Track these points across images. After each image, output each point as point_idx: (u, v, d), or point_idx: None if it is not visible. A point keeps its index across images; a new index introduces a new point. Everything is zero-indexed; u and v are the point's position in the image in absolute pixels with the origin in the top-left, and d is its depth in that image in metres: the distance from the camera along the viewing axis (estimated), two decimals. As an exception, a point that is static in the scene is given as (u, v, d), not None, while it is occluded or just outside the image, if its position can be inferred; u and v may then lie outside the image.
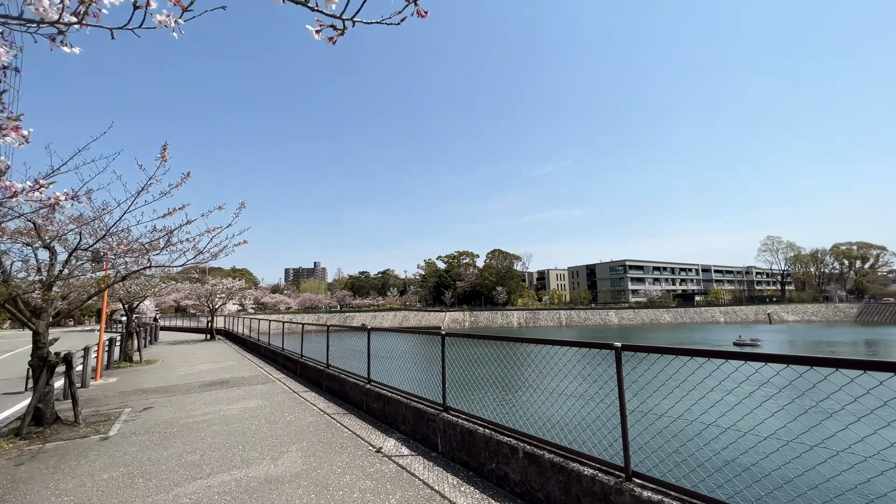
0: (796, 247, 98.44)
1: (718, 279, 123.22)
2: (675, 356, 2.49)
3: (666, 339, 44.70)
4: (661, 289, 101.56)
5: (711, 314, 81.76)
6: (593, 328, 68.53)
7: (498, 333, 44.64)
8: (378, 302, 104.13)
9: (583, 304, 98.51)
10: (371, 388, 6.31)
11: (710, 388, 2.74)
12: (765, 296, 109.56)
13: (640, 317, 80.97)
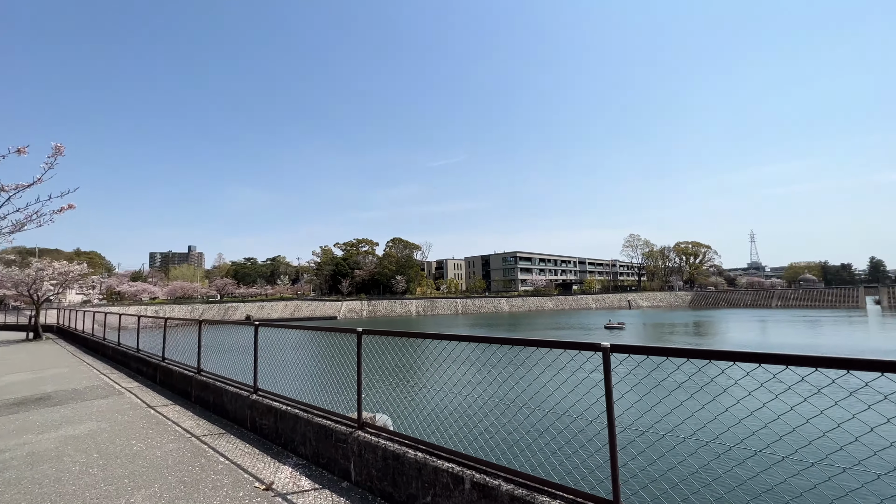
0: (650, 244, 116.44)
1: (591, 270, 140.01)
2: (667, 357, 1.97)
3: (549, 324, 48.98)
4: (545, 279, 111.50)
5: (585, 301, 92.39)
6: (487, 315, 72.21)
7: (399, 322, 44.22)
8: (266, 291, 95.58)
9: (478, 292, 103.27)
10: (259, 400, 5.01)
11: (711, 396, 2.30)
12: (626, 285, 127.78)
13: (528, 304, 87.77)
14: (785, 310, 66.20)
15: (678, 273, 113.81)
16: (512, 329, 44.83)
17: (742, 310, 70.52)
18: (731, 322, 46.32)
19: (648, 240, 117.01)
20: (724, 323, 45.83)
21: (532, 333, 38.82)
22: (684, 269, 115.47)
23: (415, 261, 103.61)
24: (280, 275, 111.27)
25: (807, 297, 74.37)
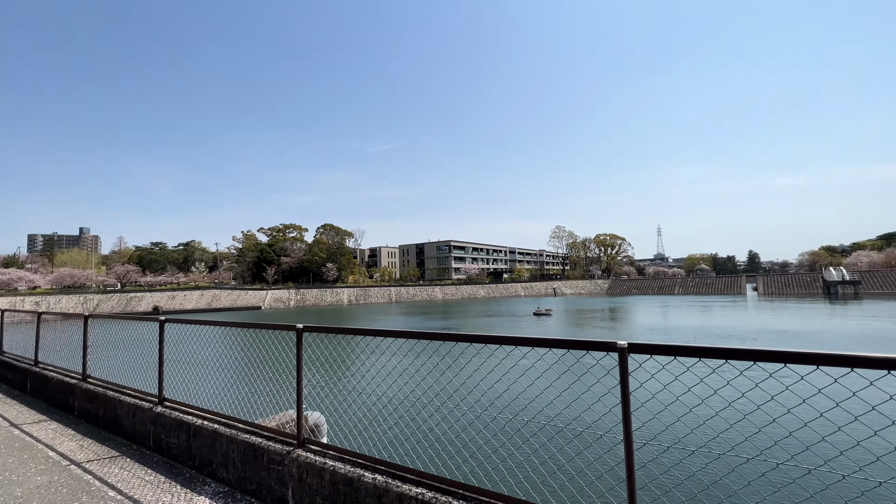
0: (574, 235, 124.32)
1: (521, 260, 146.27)
2: (700, 359, 1.66)
3: (481, 311, 50.25)
4: (478, 267, 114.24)
5: (515, 289, 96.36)
6: (421, 304, 72.24)
7: (329, 311, 42.04)
8: (178, 279, 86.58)
9: (412, 280, 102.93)
10: (165, 412, 4.08)
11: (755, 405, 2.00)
12: (552, 274, 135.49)
13: (461, 292, 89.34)
14: (685, 296, 74.55)
15: (597, 263, 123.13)
16: (446, 317, 45.21)
17: (650, 296, 78.14)
18: (641, 307, 50.99)
19: (573, 231, 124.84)
20: (636, 307, 50.37)
21: (466, 321, 39.41)
22: (603, 259, 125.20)
23: (347, 248, 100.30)
24: (195, 262, 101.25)
25: (702, 284, 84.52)
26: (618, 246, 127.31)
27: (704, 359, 1.64)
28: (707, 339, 22.63)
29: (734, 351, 1.61)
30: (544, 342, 2.07)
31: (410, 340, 2.76)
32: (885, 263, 77.90)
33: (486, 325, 34.85)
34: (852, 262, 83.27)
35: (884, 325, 27.07)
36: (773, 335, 23.27)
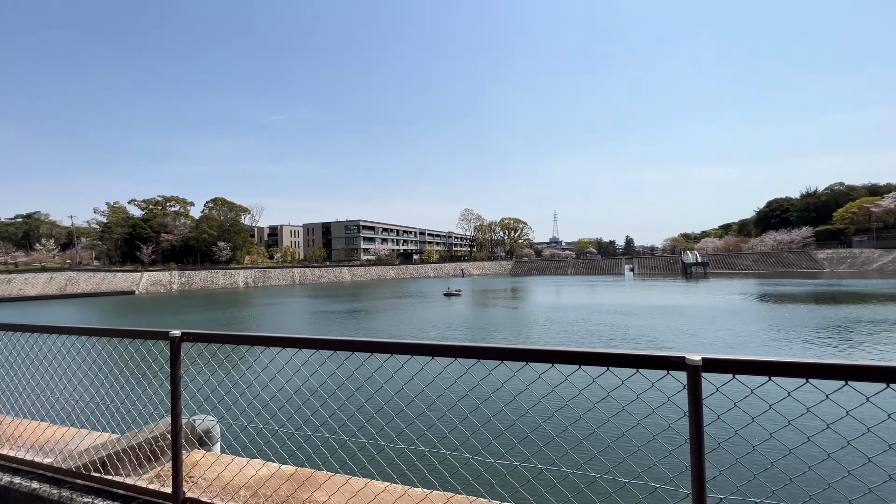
0: (482, 218, 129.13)
1: (430, 241, 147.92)
2: (807, 380, 1.21)
3: (391, 292, 49.60)
4: (388, 248, 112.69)
5: (425, 270, 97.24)
6: (328, 286, 68.94)
7: (222, 295, 37.41)
8: (17, 259, 70.46)
9: (318, 261, 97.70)
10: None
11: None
12: (460, 255, 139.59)
13: (370, 273, 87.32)
14: (576, 276, 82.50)
15: (502, 245, 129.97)
16: (355, 299, 43.62)
17: (547, 276, 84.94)
18: (539, 286, 55.04)
19: (480, 214, 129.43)
20: (535, 287, 54.23)
21: (374, 302, 38.41)
22: (506, 242, 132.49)
23: (242, 225, 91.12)
24: (41, 238, 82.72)
25: (590, 265, 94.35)
26: (520, 230, 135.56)
27: (812, 379, 1.19)
28: (597, 314, 24.96)
29: (851, 368, 1.17)
30: (583, 357, 1.48)
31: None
32: (724, 248, 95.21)
33: (396, 306, 34.30)
34: (702, 246, 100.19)
35: (733, 299, 32.74)
36: (654, 310, 26.58)
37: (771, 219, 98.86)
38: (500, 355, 1.83)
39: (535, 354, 1.73)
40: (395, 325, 23.53)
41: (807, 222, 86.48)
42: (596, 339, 17.20)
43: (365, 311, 31.85)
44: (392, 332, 21.09)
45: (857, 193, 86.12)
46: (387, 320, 25.85)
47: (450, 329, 21.25)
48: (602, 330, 19.41)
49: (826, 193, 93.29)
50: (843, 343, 15.60)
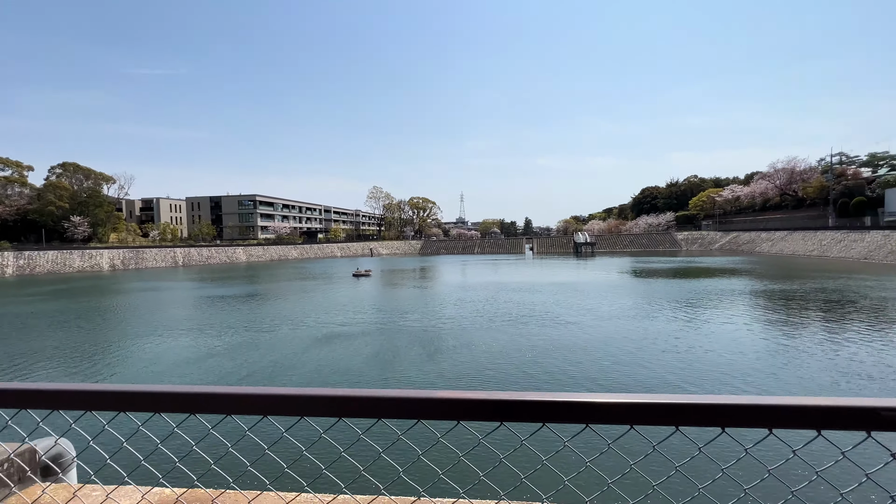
0: (391, 196, 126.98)
1: (336, 219, 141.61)
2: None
3: (294, 274, 46.43)
4: (289, 226, 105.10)
5: (331, 250, 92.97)
6: (219, 267, 62.02)
7: (80, 281, 31.62)
8: None
9: (206, 240, 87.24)
10: None
11: None
12: (368, 234, 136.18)
13: (269, 253, 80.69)
14: (482, 255, 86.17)
15: (411, 224, 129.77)
16: (252, 281, 39.81)
17: (455, 255, 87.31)
18: (448, 266, 56.29)
19: (389, 193, 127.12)
20: (444, 266, 55.35)
21: (275, 285, 35.49)
22: (415, 221, 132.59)
23: (105, 197, 77.14)
24: None
25: (495, 245, 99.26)
26: (429, 209, 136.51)
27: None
28: (504, 292, 26.21)
29: None
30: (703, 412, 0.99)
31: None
32: (607, 230, 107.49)
33: (300, 288, 32.07)
34: (589, 228, 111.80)
35: (616, 276, 36.88)
36: (554, 286, 28.71)
37: (644, 204, 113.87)
38: (543, 412, 1.02)
39: (614, 412, 0.99)
40: (300, 309, 21.87)
41: (670, 208, 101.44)
42: (508, 318, 17.91)
43: (264, 295, 29.16)
44: (296, 317, 19.53)
45: (706, 185, 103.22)
46: (290, 305, 23.94)
47: (359, 312, 20.41)
48: (511, 308, 20.32)
49: (685, 184, 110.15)
50: (696, 309, 18.52)
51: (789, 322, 16.29)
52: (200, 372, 11.63)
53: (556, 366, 11.32)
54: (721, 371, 10.60)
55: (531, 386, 9.89)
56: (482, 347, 13.29)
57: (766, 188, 76.12)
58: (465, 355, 12.54)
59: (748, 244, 66.57)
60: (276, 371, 11.46)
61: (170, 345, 14.70)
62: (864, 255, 42.84)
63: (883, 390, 9.21)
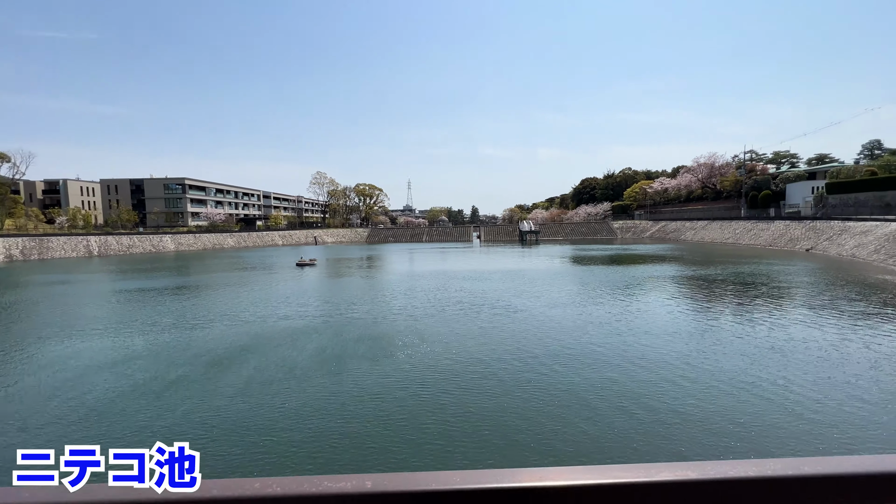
0: (336, 183, 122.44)
1: (277, 205, 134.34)
2: None
3: (231, 264, 43.45)
4: (224, 212, 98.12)
5: (272, 238, 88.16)
6: (142, 257, 56.46)
7: (-36, 279, 26.57)
8: None
9: (126, 228, 79.05)
10: None
11: None
12: (312, 222, 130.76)
13: (201, 242, 74.80)
14: (430, 243, 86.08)
15: (357, 212, 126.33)
16: (181, 273, 36.64)
17: (403, 243, 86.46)
18: (396, 254, 55.60)
19: (334, 178, 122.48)
20: (392, 254, 54.58)
21: (209, 276, 32.92)
22: (362, 208, 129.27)
23: (-3, 177, 67.02)
24: None
25: (443, 233, 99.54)
26: (376, 196, 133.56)
27: None
28: (455, 280, 26.28)
29: None
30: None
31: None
32: (550, 218, 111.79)
33: (238, 279, 29.97)
34: (533, 216, 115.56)
35: (559, 263, 38.35)
36: (503, 274, 29.22)
37: (583, 194, 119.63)
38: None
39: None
40: (237, 302, 20.37)
41: (607, 198, 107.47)
42: (460, 307, 17.88)
43: (196, 287, 26.87)
44: (233, 311, 18.15)
45: (639, 177, 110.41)
46: (225, 298, 22.22)
47: (304, 305, 19.41)
48: (464, 297, 20.33)
49: (620, 176, 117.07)
50: (633, 294, 19.73)
51: (713, 302, 17.84)
52: (116, 378, 10.35)
53: (510, 354, 11.44)
54: (658, 351, 11.28)
55: (486, 378, 9.87)
56: (436, 338, 13.13)
57: (690, 181, 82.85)
58: (419, 348, 12.31)
59: (675, 233, 72.36)
60: (208, 375, 10.47)
61: (79, 347, 12.99)
62: (769, 242, 48.17)
63: (787, 360, 10.27)
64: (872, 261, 29.86)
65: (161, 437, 6.89)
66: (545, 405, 8.29)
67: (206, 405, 8.63)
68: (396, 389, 9.26)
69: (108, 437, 7.36)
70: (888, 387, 8.85)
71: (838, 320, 14.22)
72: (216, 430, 7.56)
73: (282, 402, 8.69)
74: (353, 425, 7.68)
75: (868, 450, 6.54)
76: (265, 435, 7.36)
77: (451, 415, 8.00)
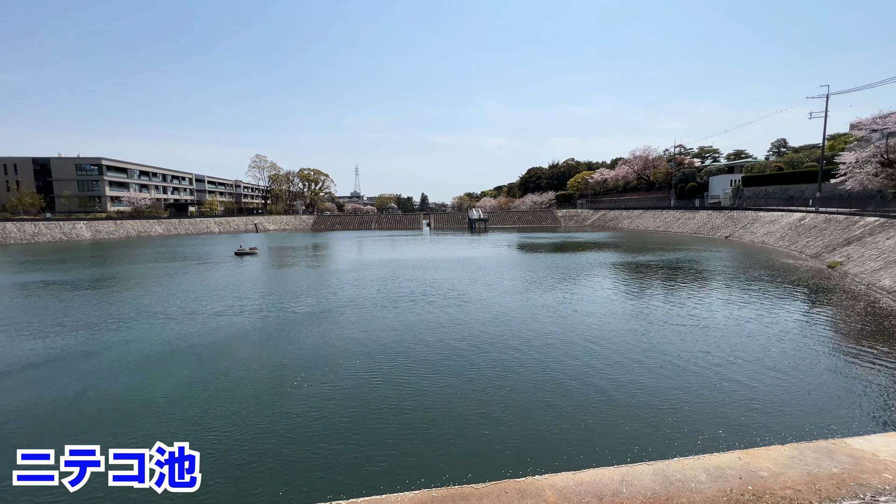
0: (277, 166, 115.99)
1: (212, 190, 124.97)
2: None
3: (159, 254, 39.85)
4: (151, 197, 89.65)
5: (206, 225, 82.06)
6: (51, 247, 50.15)
7: None
8: None
9: (30, 213, 69.82)
10: None
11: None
12: (252, 208, 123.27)
13: (124, 229, 67.93)
14: (379, 230, 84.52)
15: (302, 198, 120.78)
16: (99, 263, 32.93)
17: (351, 231, 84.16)
18: (343, 242, 53.99)
19: (276, 162, 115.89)
20: (339, 243, 52.93)
21: (132, 267, 29.87)
22: (307, 194, 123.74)
23: None
24: None
25: (393, 220, 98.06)
26: (322, 182, 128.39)
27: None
28: (405, 269, 25.93)
29: None
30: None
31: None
32: (498, 206, 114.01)
33: (167, 271, 27.44)
34: (482, 204, 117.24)
35: (508, 251, 39.15)
36: (454, 262, 29.26)
37: (529, 183, 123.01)
38: None
39: None
40: (166, 298, 18.60)
41: (552, 188, 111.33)
42: (411, 297, 17.59)
43: (115, 280, 24.22)
44: (161, 307, 16.56)
45: (582, 168, 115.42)
46: (151, 291, 20.22)
47: (241, 298, 18.16)
48: (414, 286, 20.05)
49: (564, 166, 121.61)
50: (578, 280, 20.60)
51: (648, 285, 19.08)
52: (3, 391, 9.01)
53: (465, 346, 11.41)
54: (604, 330, 11.82)
55: (446, 373, 9.75)
56: (389, 333, 12.80)
57: (626, 172, 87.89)
58: (370, 344, 11.94)
59: (613, 221, 76.71)
60: (125, 386, 9.32)
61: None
62: (695, 230, 52.51)
63: (708, 335, 11.20)
64: (779, 247, 33.52)
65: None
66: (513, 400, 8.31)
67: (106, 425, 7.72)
68: (349, 397, 8.86)
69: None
70: (781, 348, 9.93)
71: (751, 300, 15.77)
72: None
73: (202, 421, 7.52)
74: (295, 446, 6.88)
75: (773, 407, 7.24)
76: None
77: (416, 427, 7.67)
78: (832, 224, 30.05)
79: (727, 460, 3.62)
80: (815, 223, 32.57)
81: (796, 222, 35.30)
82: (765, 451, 3.80)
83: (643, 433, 6.80)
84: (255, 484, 5.72)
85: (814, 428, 6.81)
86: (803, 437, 6.35)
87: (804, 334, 11.80)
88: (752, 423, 7.05)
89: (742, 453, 3.76)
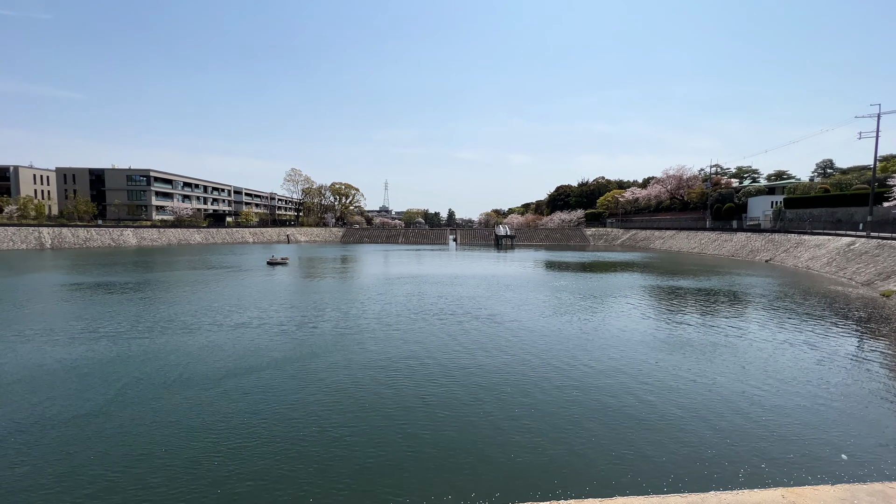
0: (311, 180, 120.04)
1: (248, 202, 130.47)
2: None
3: (197, 261, 41.68)
4: (192, 207, 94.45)
5: (242, 235, 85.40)
6: (100, 252, 53.43)
7: None
8: None
9: (84, 219, 74.84)
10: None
11: None
12: (285, 219, 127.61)
13: (167, 237, 71.66)
14: (406, 245, 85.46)
15: (332, 211, 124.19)
16: (142, 269, 34.77)
17: (379, 244, 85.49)
18: (371, 255, 54.83)
19: (309, 176, 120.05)
20: (367, 255, 53.78)
21: (172, 273, 31.36)
22: (337, 207, 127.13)
23: (-62, 161, 62.20)
24: None
25: (419, 235, 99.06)
26: (352, 196, 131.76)
27: None
28: (431, 285, 26.02)
29: None
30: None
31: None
32: (525, 223, 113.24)
33: (203, 277, 28.70)
34: (509, 221, 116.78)
35: (537, 269, 38.71)
36: (481, 279, 29.17)
37: (558, 201, 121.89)
38: None
39: None
40: (200, 302, 19.42)
41: (581, 206, 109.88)
42: (438, 314, 17.63)
43: (155, 284, 25.52)
44: (194, 311, 17.28)
45: (612, 186, 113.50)
46: (188, 296, 21.17)
47: (272, 306, 18.71)
48: (441, 303, 20.05)
49: (593, 184, 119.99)
50: (609, 304, 20.07)
51: (684, 310, 18.35)
52: (14, 402, 9.55)
53: (494, 367, 11.31)
54: (638, 355, 11.42)
55: (482, 396, 9.68)
56: (416, 351, 12.85)
57: (659, 192, 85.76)
58: (401, 363, 12.01)
59: (644, 241, 74.62)
60: (152, 394, 9.58)
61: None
62: (732, 252, 50.33)
63: (752, 363, 10.61)
64: (825, 273, 31.61)
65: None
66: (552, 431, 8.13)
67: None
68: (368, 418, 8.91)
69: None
70: (831, 380, 9.26)
71: (798, 328, 14.87)
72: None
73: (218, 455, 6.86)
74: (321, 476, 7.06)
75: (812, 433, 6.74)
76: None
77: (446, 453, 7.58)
78: (886, 250, 28.16)
79: (770, 497, 3.42)
80: (866, 248, 30.62)
81: (845, 247, 33.28)
82: (812, 490, 3.57)
83: (679, 462, 6.48)
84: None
85: (868, 470, 6.31)
86: (857, 478, 5.89)
87: (858, 367, 11.01)
88: (798, 459, 6.60)
89: (787, 491, 3.54)
